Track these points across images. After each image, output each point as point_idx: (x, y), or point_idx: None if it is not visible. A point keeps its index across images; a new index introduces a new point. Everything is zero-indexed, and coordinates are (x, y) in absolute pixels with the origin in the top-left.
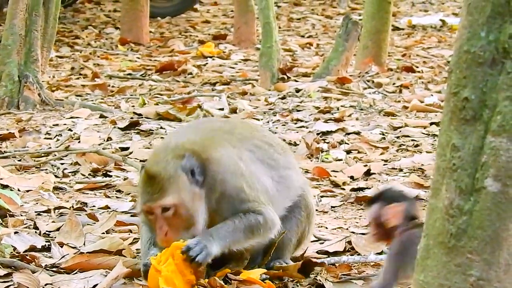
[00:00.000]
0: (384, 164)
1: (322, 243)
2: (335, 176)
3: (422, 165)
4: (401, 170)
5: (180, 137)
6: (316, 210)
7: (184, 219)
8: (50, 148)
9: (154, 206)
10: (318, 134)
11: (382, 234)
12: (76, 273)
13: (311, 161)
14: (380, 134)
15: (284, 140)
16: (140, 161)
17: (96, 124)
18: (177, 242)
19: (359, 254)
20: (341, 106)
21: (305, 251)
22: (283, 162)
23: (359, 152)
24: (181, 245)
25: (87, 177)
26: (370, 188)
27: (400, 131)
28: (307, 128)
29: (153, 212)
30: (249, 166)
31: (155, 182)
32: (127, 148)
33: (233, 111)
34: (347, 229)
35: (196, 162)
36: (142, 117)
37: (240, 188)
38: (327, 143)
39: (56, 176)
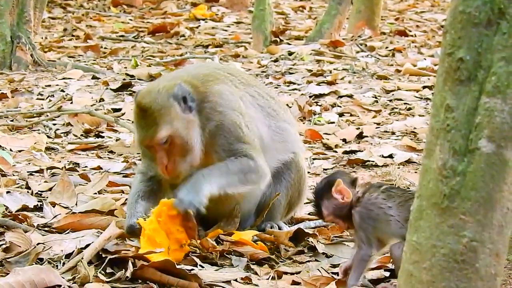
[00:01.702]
0: (377, 127)
1: None
2: (328, 139)
3: (415, 128)
4: (393, 133)
5: (180, 72)
6: (309, 172)
7: (181, 147)
8: (43, 108)
9: (151, 141)
10: (310, 97)
11: (345, 219)
12: (68, 232)
13: (304, 123)
14: (373, 97)
15: None
16: (132, 122)
17: (89, 85)
18: (164, 200)
19: None
20: (334, 69)
21: (299, 215)
22: (283, 115)
23: (351, 115)
24: (168, 203)
25: (79, 137)
26: (362, 151)
27: (393, 94)
28: (299, 90)
29: (152, 146)
30: (249, 108)
31: (148, 114)
32: (119, 109)
33: None
34: None
35: (188, 89)
36: (134, 79)
37: (239, 125)
38: (320, 106)
39: (48, 137)
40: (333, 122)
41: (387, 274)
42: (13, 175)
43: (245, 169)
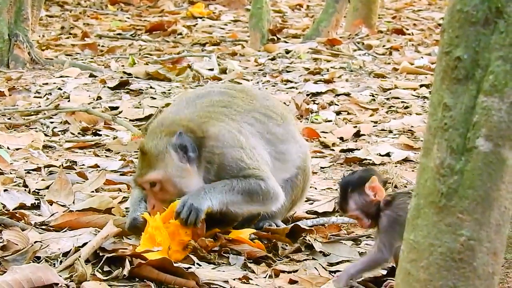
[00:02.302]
0: (374, 126)
1: (312, 203)
2: (325, 137)
3: (412, 126)
4: (390, 131)
5: (177, 113)
6: None
7: (172, 194)
8: (40, 106)
9: (142, 181)
10: (308, 95)
11: (370, 218)
12: (66, 231)
13: (301, 122)
14: (370, 95)
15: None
16: (130, 120)
17: (86, 83)
18: (174, 203)
19: None
20: (331, 67)
21: (297, 213)
22: (281, 134)
23: (348, 114)
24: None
25: (76, 136)
26: (359, 149)
27: (390, 92)
28: (297, 89)
29: (142, 186)
30: (249, 139)
31: (146, 158)
32: (116, 107)
33: (223, 71)
34: (336, 189)
35: (189, 139)
36: (131, 77)
37: (240, 159)
38: (317, 104)
39: (45, 135)
40: (331, 121)
41: (384, 272)
42: (11, 173)
43: (252, 190)
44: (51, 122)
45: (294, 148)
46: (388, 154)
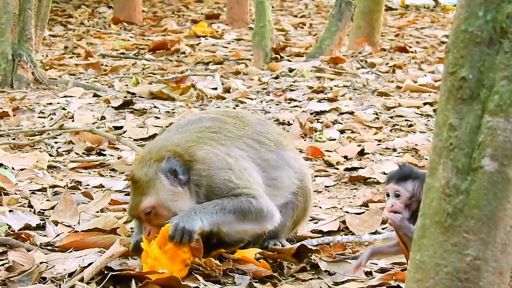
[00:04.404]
0: (378, 144)
1: (316, 222)
2: (329, 156)
3: (416, 145)
4: (394, 150)
5: (165, 139)
6: None
7: (167, 218)
8: (44, 126)
9: (136, 212)
10: (311, 113)
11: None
12: (71, 251)
13: (305, 140)
14: (374, 114)
15: (278, 120)
16: (134, 140)
17: (90, 103)
18: (164, 227)
19: (353, 234)
20: (335, 86)
21: (301, 232)
22: (274, 160)
23: (352, 132)
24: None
25: (81, 155)
26: (363, 168)
27: (394, 111)
28: (300, 107)
29: (138, 217)
30: (239, 161)
31: (137, 186)
32: (120, 127)
33: (227, 90)
34: (341, 208)
35: (177, 162)
36: (135, 96)
37: (228, 179)
38: (321, 122)
39: (50, 155)
40: (334, 139)
41: None
42: (16, 193)
43: (243, 208)
44: (56, 142)
45: (287, 174)
46: None
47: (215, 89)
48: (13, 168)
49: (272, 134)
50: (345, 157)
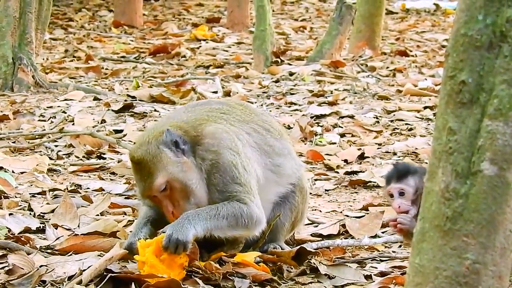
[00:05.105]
0: (378, 148)
1: (316, 226)
2: (329, 160)
3: (416, 148)
4: (395, 153)
5: (170, 118)
6: (310, 193)
7: (182, 190)
8: (44, 130)
9: (151, 192)
10: (312, 117)
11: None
12: (71, 254)
13: (305, 144)
14: (374, 117)
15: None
16: (134, 143)
17: (90, 107)
18: (158, 238)
19: (353, 238)
20: (335, 89)
21: (300, 236)
22: (278, 148)
23: (353, 136)
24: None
25: (81, 159)
26: (364, 172)
27: (394, 114)
28: (301, 111)
29: (154, 196)
30: (245, 148)
31: (142, 167)
32: (121, 131)
33: (227, 94)
34: (341, 212)
35: (177, 133)
36: (136, 100)
37: (235, 165)
38: (321, 126)
39: (50, 158)
40: (335, 143)
41: None
42: (16, 197)
43: (236, 214)
44: (56, 146)
45: (290, 163)
46: None
47: (216, 92)
48: (13, 171)
49: (275, 124)
50: (345, 160)
